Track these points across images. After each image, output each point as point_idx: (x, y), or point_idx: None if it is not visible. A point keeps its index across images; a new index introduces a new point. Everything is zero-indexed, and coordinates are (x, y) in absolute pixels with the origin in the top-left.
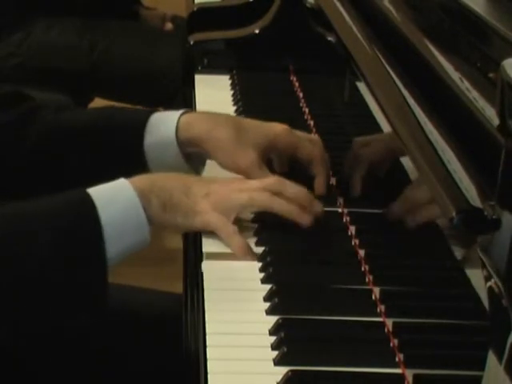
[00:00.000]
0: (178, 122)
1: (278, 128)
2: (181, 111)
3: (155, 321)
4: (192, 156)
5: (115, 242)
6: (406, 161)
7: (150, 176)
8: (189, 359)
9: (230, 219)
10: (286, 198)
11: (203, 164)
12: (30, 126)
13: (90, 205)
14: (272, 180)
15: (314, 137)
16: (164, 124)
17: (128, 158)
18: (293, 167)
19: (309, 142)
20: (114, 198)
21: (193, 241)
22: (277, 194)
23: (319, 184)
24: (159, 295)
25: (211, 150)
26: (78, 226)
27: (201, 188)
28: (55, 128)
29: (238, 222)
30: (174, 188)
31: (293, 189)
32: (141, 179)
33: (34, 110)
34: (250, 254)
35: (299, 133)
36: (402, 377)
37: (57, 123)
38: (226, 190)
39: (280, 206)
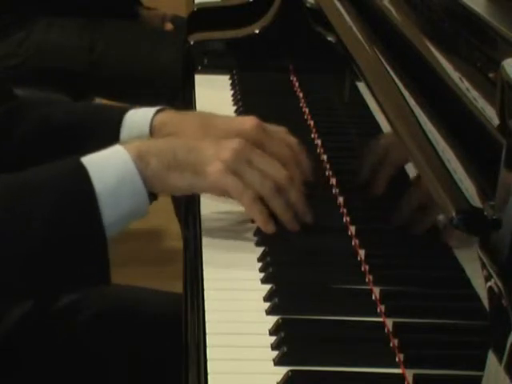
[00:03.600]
0: (151, 122)
1: (247, 123)
2: (155, 109)
3: (155, 321)
4: None
5: (112, 207)
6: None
7: (149, 140)
8: (189, 359)
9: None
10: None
11: None
12: (16, 124)
13: (83, 174)
14: (283, 174)
15: (290, 138)
16: (138, 123)
17: None
18: None
19: (279, 142)
20: (108, 164)
21: (193, 239)
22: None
23: None
24: (159, 295)
25: None
26: (72, 196)
27: (208, 145)
28: (39, 125)
29: (238, 223)
30: (177, 147)
31: (296, 193)
32: (138, 142)
33: (20, 107)
34: (271, 225)
35: (274, 131)
36: (401, 377)
37: (41, 120)
38: (239, 150)
39: (277, 207)
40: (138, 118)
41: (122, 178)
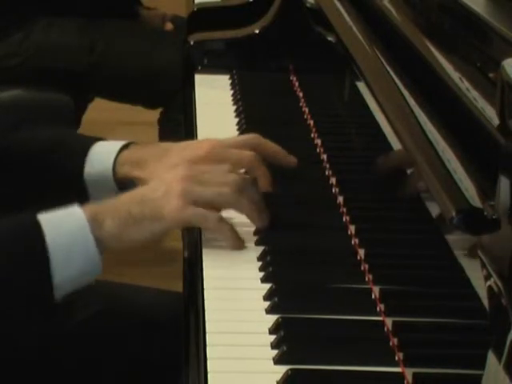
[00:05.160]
0: (116, 157)
1: (204, 146)
2: (120, 144)
3: (155, 320)
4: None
5: (63, 266)
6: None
7: (106, 201)
8: (189, 358)
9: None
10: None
11: None
12: None
13: (37, 230)
14: (237, 178)
15: (247, 153)
16: (103, 157)
17: (70, 185)
18: None
19: (239, 151)
20: (62, 223)
21: (193, 239)
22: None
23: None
24: (159, 294)
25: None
26: (25, 251)
27: (156, 186)
28: (5, 149)
29: (238, 222)
30: (130, 202)
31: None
32: (95, 204)
33: None
34: (242, 241)
35: (232, 142)
36: (401, 376)
37: (8, 144)
38: (185, 176)
39: (244, 207)
40: (103, 153)
41: (74, 237)
